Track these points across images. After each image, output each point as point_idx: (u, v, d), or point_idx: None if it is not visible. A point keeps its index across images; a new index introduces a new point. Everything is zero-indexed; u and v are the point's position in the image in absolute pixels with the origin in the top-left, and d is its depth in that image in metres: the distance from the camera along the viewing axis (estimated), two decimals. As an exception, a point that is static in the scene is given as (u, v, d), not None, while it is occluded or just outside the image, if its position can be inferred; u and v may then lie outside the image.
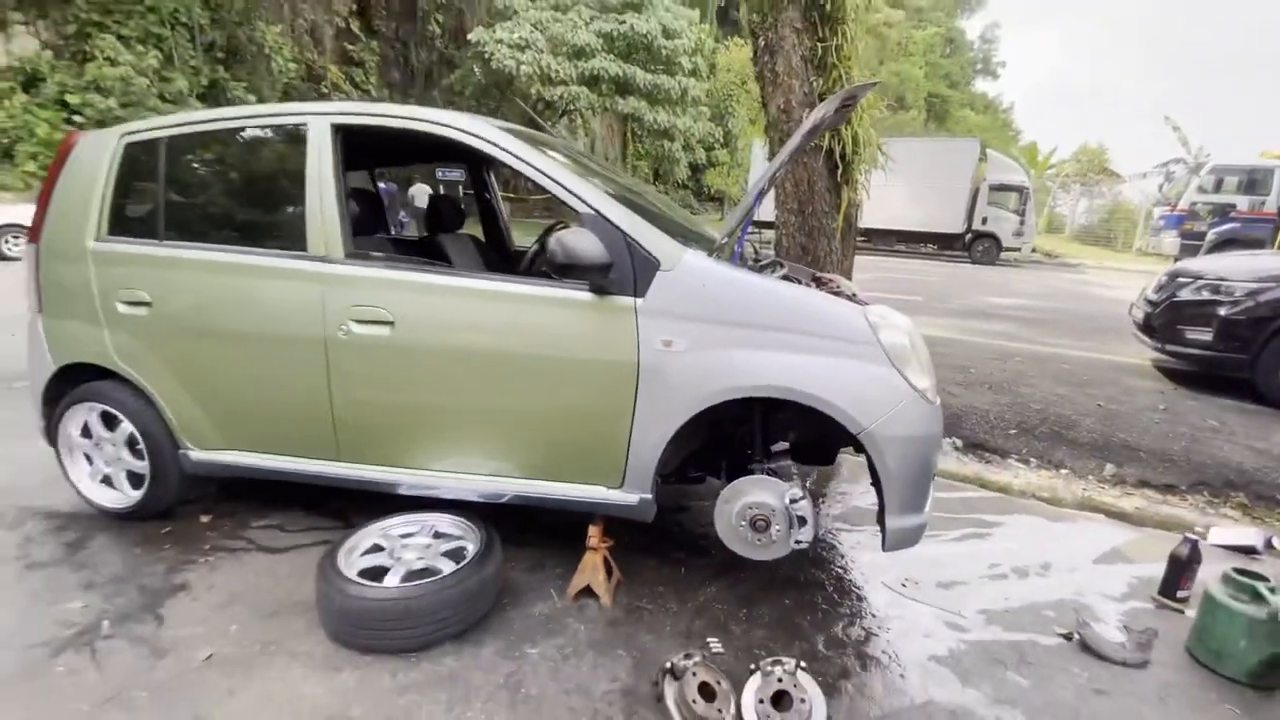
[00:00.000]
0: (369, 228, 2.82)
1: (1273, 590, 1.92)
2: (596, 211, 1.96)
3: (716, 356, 1.91)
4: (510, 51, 18.19)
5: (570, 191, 2.01)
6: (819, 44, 3.75)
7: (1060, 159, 30.08)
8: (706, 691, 1.64)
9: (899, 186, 11.53)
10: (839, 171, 3.93)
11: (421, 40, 23.07)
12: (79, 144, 2.41)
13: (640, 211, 2.08)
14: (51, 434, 2.53)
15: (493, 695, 1.72)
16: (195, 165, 2.42)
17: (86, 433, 2.50)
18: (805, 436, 2.41)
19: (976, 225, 16.95)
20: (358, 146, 2.50)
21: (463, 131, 2.10)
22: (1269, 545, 2.75)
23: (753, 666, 1.73)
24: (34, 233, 2.45)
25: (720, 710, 1.62)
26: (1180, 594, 2.30)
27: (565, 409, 2.05)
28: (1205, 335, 4.81)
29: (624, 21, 19.18)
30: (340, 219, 2.14)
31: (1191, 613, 2.15)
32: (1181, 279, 5.17)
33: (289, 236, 2.19)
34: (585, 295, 1.97)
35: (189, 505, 2.64)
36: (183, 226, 2.34)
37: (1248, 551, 2.70)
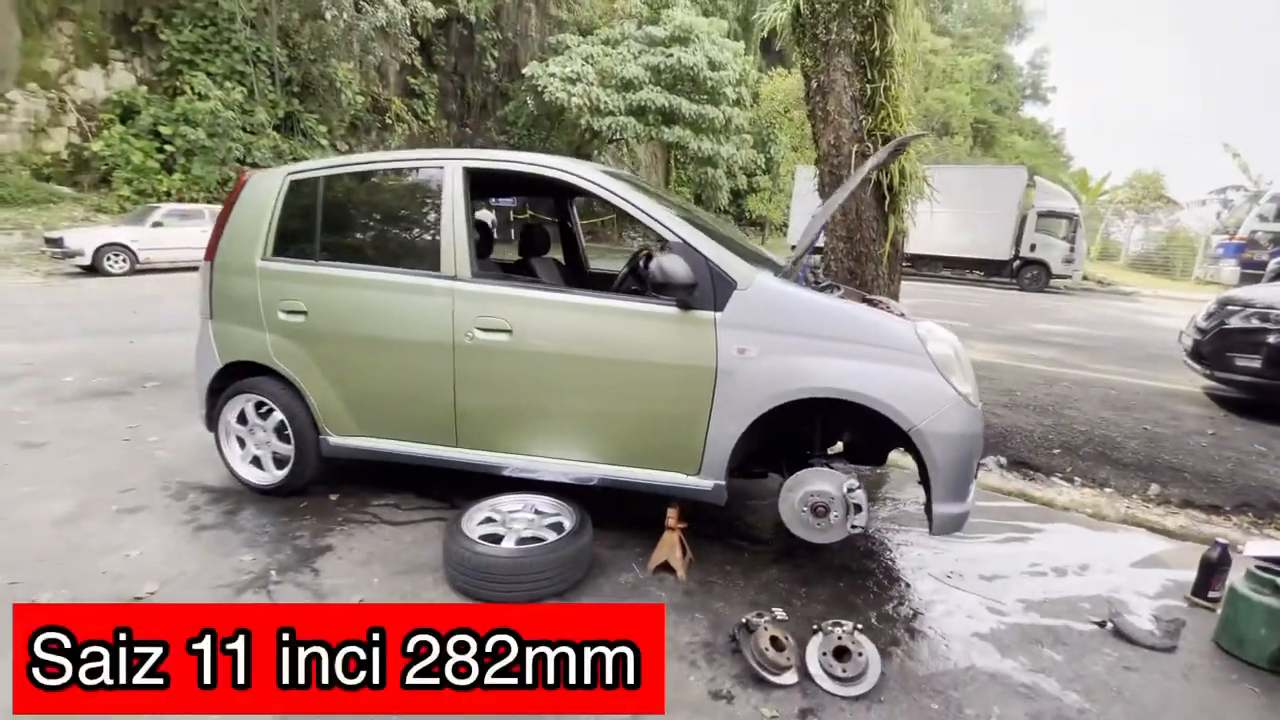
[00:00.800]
0: (481, 252, 3.26)
1: (1293, 585, 2.11)
2: (683, 240, 2.34)
3: (785, 362, 2.24)
4: (562, 84, 19.07)
5: (662, 224, 2.39)
6: (867, 85, 4.08)
7: (1114, 185, 29.43)
8: (776, 643, 1.95)
9: (944, 213, 11.59)
10: (886, 201, 4.23)
11: (478, 74, 24.34)
12: (251, 180, 2.93)
13: (716, 238, 2.44)
14: (212, 421, 3.01)
15: (595, 640, 2.06)
16: (347, 199, 2.91)
17: (241, 420, 2.97)
18: (858, 439, 2.71)
19: (1025, 252, 16.78)
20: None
21: (575, 175, 2.53)
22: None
23: (815, 627, 2.03)
24: (209, 252, 2.95)
25: (789, 658, 1.92)
26: (1211, 594, 2.47)
27: (652, 405, 2.40)
28: (1254, 362, 4.87)
29: (671, 54, 19.90)
30: (469, 244, 2.57)
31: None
32: (1231, 306, 5.25)
33: (425, 258, 2.63)
34: (672, 310, 2.33)
35: (317, 486, 3.07)
36: (335, 249, 2.82)
37: (1282, 563, 2.84)
